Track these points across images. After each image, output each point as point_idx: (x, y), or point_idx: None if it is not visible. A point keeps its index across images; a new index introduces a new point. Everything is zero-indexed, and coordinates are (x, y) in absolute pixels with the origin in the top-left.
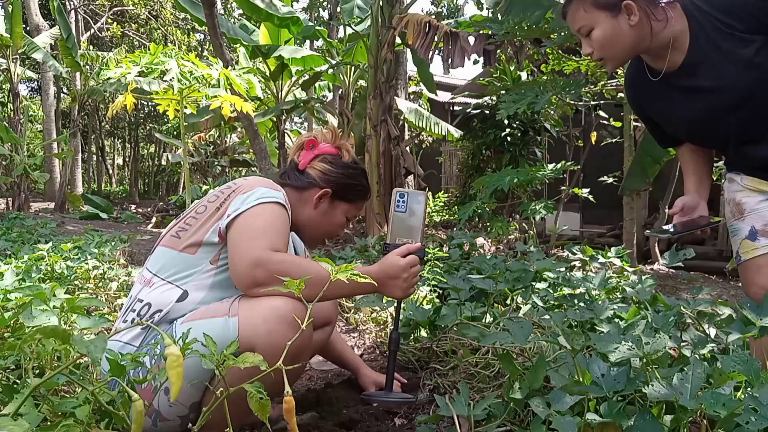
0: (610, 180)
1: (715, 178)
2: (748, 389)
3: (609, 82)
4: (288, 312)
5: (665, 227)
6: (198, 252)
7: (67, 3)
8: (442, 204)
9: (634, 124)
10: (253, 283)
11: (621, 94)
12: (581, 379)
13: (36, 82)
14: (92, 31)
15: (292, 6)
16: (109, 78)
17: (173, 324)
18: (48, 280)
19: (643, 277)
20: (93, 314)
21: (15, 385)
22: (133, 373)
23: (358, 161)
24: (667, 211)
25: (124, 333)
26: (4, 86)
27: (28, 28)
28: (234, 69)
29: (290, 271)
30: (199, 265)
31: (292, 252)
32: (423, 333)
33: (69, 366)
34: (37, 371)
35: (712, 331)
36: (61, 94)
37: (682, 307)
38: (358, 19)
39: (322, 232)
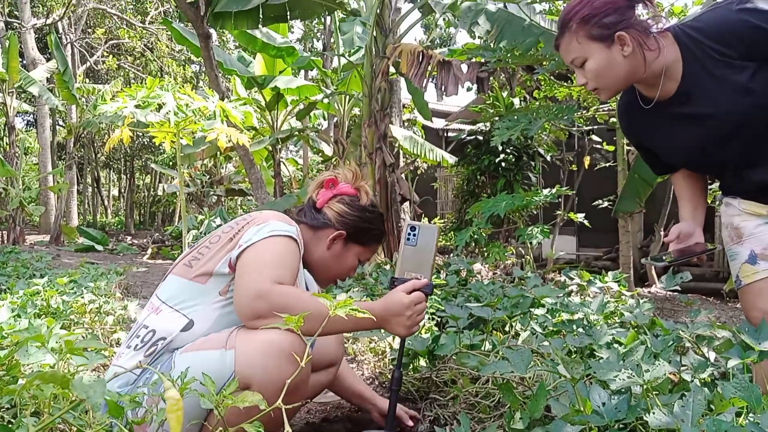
0: (605, 204)
1: (710, 201)
2: (750, 415)
3: (601, 107)
4: (286, 346)
5: (661, 255)
6: (208, 282)
7: (63, 37)
8: (439, 227)
9: (627, 148)
10: (253, 315)
11: (613, 119)
12: (582, 408)
13: (32, 115)
14: (88, 64)
15: (287, 36)
16: (105, 111)
17: (173, 354)
18: (44, 315)
19: (641, 301)
20: (89, 350)
21: (10, 425)
22: (132, 414)
23: (377, 204)
24: (662, 234)
25: (126, 360)
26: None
27: (24, 62)
28: (230, 100)
29: (291, 304)
30: (208, 294)
31: (302, 287)
32: (422, 362)
33: (68, 409)
34: (33, 411)
35: (712, 355)
36: (57, 127)
37: (680, 331)
38: (355, 49)
39: (333, 274)
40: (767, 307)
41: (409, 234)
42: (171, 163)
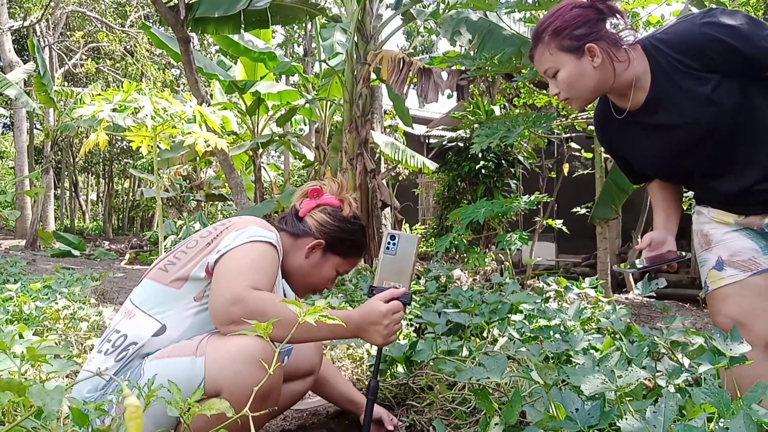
0: (583, 211)
1: (685, 208)
2: (720, 421)
3: (579, 114)
4: (258, 353)
5: (634, 262)
6: (183, 287)
7: (41, 39)
8: (418, 236)
9: (605, 155)
10: (228, 320)
11: (591, 127)
12: (556, 414)
13: (8, 119)
14: (66, 67)
15: (270, 42)
16: (81, 115)
17: (143, 360)
18: (16, 322)
19: (618, 307)
20: (61, 357)
21: None
22: (99, 422)
23: (359, 217)
24: (639, 240)
25: (96, 365)
26: None
27: (1, 65)
28: (209, 105)
29: (268, 310)
30: (183, 300)
31: (279, 294)
32: (399, 369)
33: (29, 416)
34: None
35: (686, 361)
36: (35, 130)
37: (655, 337)
38: (336, 54)
39: (310, 283)
40: (731, 312)
41: (388, 243)
42: (150, 168)
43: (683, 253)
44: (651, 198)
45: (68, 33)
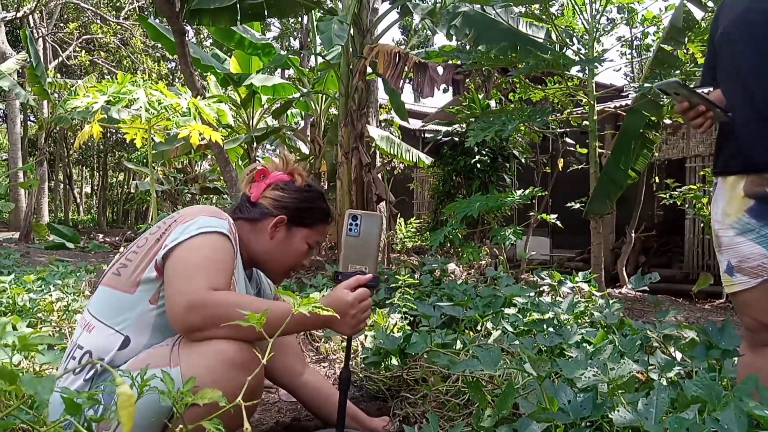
0: (578, 205)
1: (679, 203)
2: (711, 412)
3: (575, 110)
4: (232, 356)
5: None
6: (137, 291)
7: (35, 30)
8: (414, 230)
9: (599, 150)
10: (189, 329)
11: (586, 122)
12: (549, 406)
13: (1, 110)
14: (60, 59)
15: (264, 34)
16: (76, 107)
17: (118, 370)
18: (9, 314)
19: (611, 302)
20: (54, 349)
21: None
22: (88, 411)
23: (313, 184)
24: (632, 236)
25: (68, 385)
26: None
27: None
28: (204, 98)
29: (228, 313)
30: (138, 305)
31: (241, 287)
32: (393, 361)
33: (20, 405)
34: None
35: (678, 355)
36: (28, 122)
37: (648, 331)
38: (334, 47)
39: (284, 264)
40: (756, 315)
41: (350, 224)
42: (144, 161)
43: (729, 115)
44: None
45: (62, 24)
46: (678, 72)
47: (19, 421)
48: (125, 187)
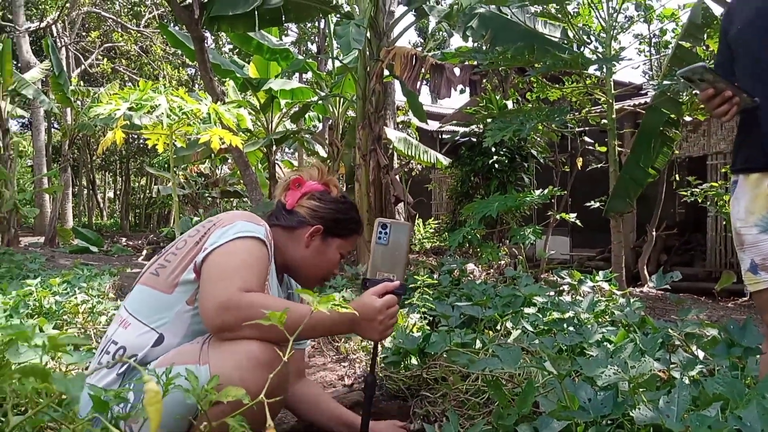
0: (597, 204)
1: (701, 201)
2: (734, 410)
3: (593, 108)
4: (260, 357)
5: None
6: (174, 292)
7: (57, 40)
8: (432, 231)
9: (618, 149)
10: (221, 328)
11: (605, 121)
12: (569, 404)
13: (26, 118)
14: (83, 67)
15: (281, 39)
16: (99, 114)
17: (146, 368)
18: (36, 316)
19: (632, 300)
20: (80, 350)
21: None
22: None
23: (347, 196)
24: (653, 234)
25: (100, 378)
26: None
27: (19, 65)
28: (224, 103)
29: (260, 315)
30: (176, 306)
31: (273, 291)
32: (413, 360)
33: (49, 403)
34: (23, 409)
35: (701, 353)
36: (52, 130)
37: (669, 329)
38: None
39: (318, 272)
40: None
41: (380, 232)
42: (166, 166)
43: (756, 100)
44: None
45: (84, 33)
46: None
47: (47, 419)
48: (147, 191)
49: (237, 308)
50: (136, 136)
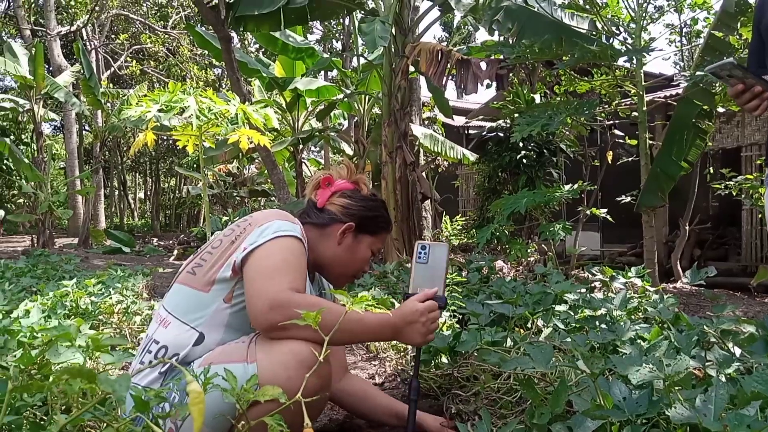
0: (628, 199)
1: (735, 194)
2: None
3: (623, 101)
4: (307, 357)
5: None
6: (211, 290)
7: (87, 43)
8: (459, 227)
9: (650, 142)
10: (270, 326)
11: (635, 113)
12: (603, 403)
13: (58, 121)
14: (112, 69)
15: (306, 37)
16: (130, 116)
17: (190, 366)
18: (73, 316)
19: (665, 296)
20: (117, 349)
21: (42, 422)
22: (156, 409)
23: (377, 194)
24: (686, 229)
25: (143, 377)
26: (28, 126)
27: (50, 69)
28: (251, 103)
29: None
30: (213, 304)
31: (308, 287)
32: (443, 359)
33: (95, 404)
34: (64, 408)
35: (737, 350)
36: (83, 132)
37: (705, 326)
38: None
39: (349, 269)
40: None
41: (419, 253)
42: (195, 166)
43: None
44: None
45: (113, 36)
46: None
47: (88, 417)
48: (177, 192)
49: (287, 307)
50: (165, 138)
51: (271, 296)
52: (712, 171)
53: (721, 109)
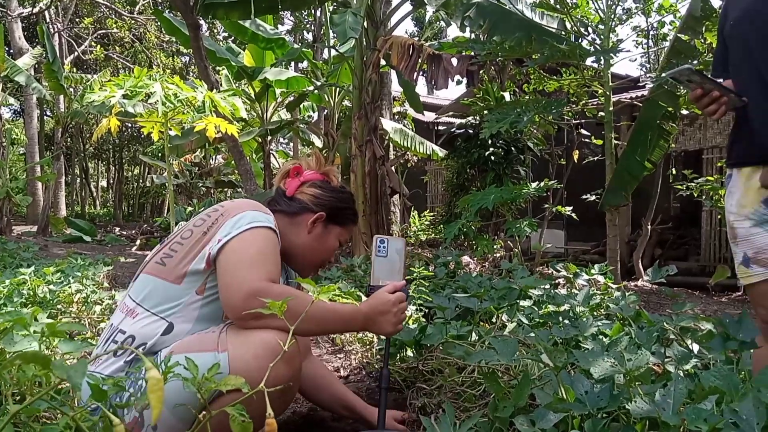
0: (593, 198)
1: (696, 195)
2: (729, 403)
3: (590, 101)
4: (277, 346)
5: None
6: (183, 282)
7: (50, 26)
8: (427, 223)
9: (615, 142)
10: (248, 315)
11: (601, 113)
12: (566, 397)
13: (18, 105)
14: (76, 54)
15: (277, 27)
16: (93, 101)
17: (158, 354)
18: (30, 305)
19: (627, 294)
20: (76, 338)
21: None
22: (115, 399)
23: (346, 186)
24: (648, 228)
25: (106, 366)
26: None
27: (11, 51)
28: (219, 92)
29: (290, 305)
30: (185, 295)
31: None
32: (409, 352)
33: (49, 391)
34: (18, 397)
35: (695, 347)
36: (45, 117)
37: (665, 323)
38: (348, 40)
39: (316, 258)
40: None
41: (379, 246)
42: (160, 155)
43: (744, 99)
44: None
45: (77, 19)
46: (695, 62)
47: (44, 407)
48: (141, 181)
49: (265, 296)
50: (129, 125)
51: (248, 287)
52: (674, 172)
53: (684, 112)
